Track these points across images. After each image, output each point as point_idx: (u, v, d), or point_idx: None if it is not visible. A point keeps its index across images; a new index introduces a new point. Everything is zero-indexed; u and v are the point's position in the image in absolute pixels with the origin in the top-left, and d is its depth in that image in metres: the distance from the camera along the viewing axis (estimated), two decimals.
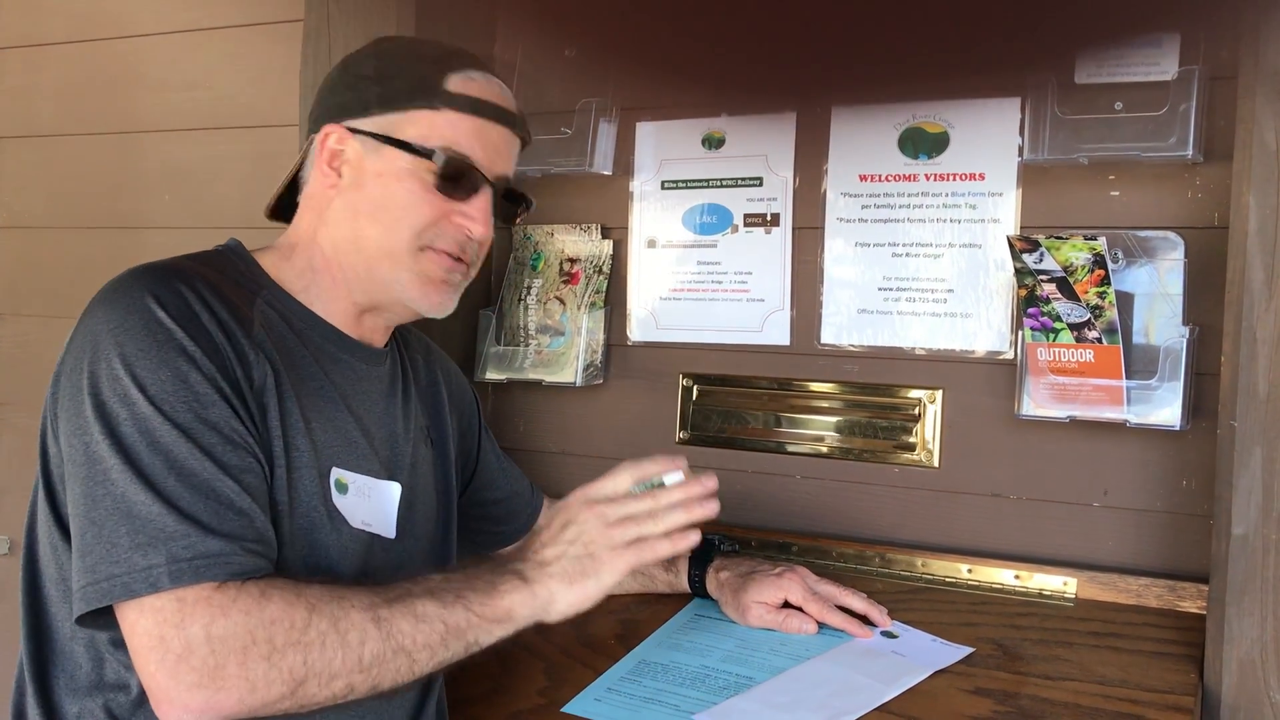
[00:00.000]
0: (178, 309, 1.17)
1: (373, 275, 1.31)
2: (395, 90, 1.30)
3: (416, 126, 1.28)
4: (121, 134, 2.43)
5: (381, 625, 1.12)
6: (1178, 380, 1.57)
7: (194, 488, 1.10)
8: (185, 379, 1.13)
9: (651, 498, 1.24)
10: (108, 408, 1.11)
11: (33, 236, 2.56)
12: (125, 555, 1.07)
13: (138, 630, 1.07)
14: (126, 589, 1.06)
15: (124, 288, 1.19)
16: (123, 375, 1.12)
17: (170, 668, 1.05)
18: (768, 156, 1.91)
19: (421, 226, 1.29)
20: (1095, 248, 1.54)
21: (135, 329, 1.14)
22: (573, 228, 2.06)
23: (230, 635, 1.07)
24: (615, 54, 2.01)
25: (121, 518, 1.08)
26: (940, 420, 1.79)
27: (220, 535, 1.09)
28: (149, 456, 1.10)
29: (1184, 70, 1.58)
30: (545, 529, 1.25)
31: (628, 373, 2.03)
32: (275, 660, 1.07)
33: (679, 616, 1.61)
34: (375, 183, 1.29)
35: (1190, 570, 1.61)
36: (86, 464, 1.11)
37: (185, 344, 1.15)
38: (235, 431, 1.16)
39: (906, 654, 1.45)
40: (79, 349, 1.17)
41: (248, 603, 1.09)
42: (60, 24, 2.49)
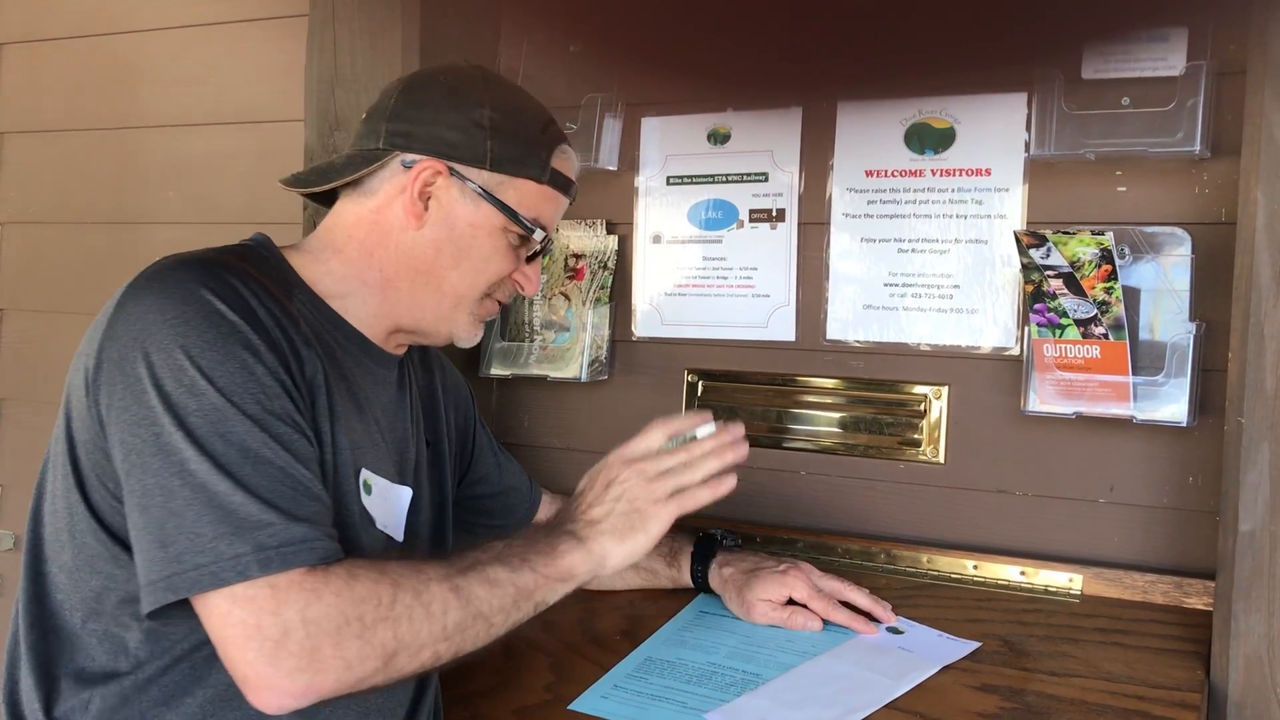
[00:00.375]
0: (235, 302, 1.17)
1: (434, 311, 1.36)
2: (511, 154, 1.33)
3: (519, 193, 1.34)
4: (125, 129, 2.43)
5: (460, 594, 1.15)
6: (1184, 376, 1.56)
7: (270, 476, 1.11)
8: (251, 371, 1.14)
9: (685, 450, 1.29)
10: (174, 399, 1.11)
11: (36, 232, 2.56)
12: (210, 545, 1.07)
13: (231, 619, 1.07)
14: (215, 578, 1.07)
15: (174, 279, 1.18)
16: (188, 367, 1.12)
17: (270, 655, 1.06)
18: (773, 152, 1.91)
19: (496, 281, 1.37)
20: (1103, 243, 1.53)
21: (195, 321, 1.14)
22: (578, 223, 2.06)
23: (324, 618, 1.08)
24: (620, 49, 2.01)
25: (203, 507, 1.08)
26: (946, 416, 1.79)
27: (302, 521, 1.11)
28: (223, 446, 1.10)
29: (1192, 65, 1.58)
30: (589, 490, 1.29)
31: (632, 368, 2.03)
32: (368, 637, 1.10)
33: (684, 613, 1.61)
34: (468, 231, 1.33)
35: (1197, 566, 1.61)
36: (157, 455, 1.10)
37: (248, 336, 1.16)
38: (298, 424, 1.18)
39: (914, 649, 1.45)
40: (128, 340, 1.16)
41: (338, 584, 1.11)
42: (64, 19, 2.49)
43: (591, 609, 1.64)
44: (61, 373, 2.59)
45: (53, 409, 2.65)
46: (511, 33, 2.09)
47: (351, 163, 1.35)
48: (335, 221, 1.37)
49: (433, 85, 1.36)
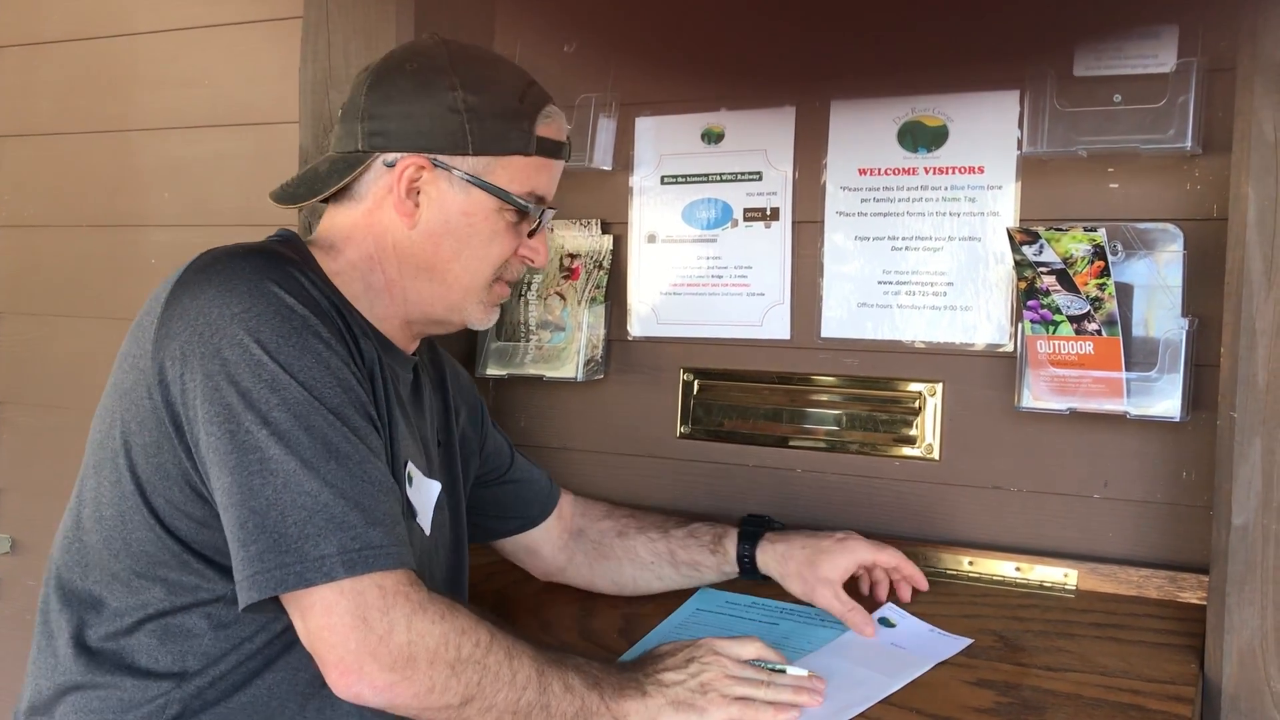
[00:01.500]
0: (299, 293, 1.18)
1: (444, 303, 1.35)
2: (491, 134, 1.31)
3: (507, 172, 1.33)
4: (120, 132, 2.43)
5: (542, 679, 1.18)
6: (1177, 372, 1.57)
7: (352, 473, 1.12)
8: (327, 363, 1.15)
9: (769, 675, 1.29)
10: (255, 394, 1.11)
11: (32, 235, 2.57)
12: (295, 544, 1.09)
13: (337, 609, 1.09)
14: (300, 579, 1.09)
15: (233, 271, 1.18)
16: (267, 361, 1.12)
17: (373, 646, 1.09)
18: (767, 151, 1.91)
19: (499, 263, 1.36)
20: (1095, 239, 1.54)
21: (266, 314, 1.14)
22: (573, 223, 2.06)
23: (428, 633, 1.12)
24: (614, 49, 2.01)
25: (288, 506, 1.09)
26: (940, 413, 1.80)
27: (381, 523, 1.12)
28: (308, 441, 1.11)
29: (1182, 62, 1.58)
30: (671, 656, 1.30)
31: (628, 367, 2.04)
32: (458, 670, 1.13)
33: (680, 611, 1.61)
34: (463, 221, 1.32)
35: (1190, 561, 1.61)
36: (239, 452, 1.11)
37: (319, 329, 1.16)
38: (370, 415, 1.19)
39: (906, 646, 1.46)
40: (192, 335, 1.15)
41: (441, 608, 1.14)
42: (58, 22, 2.49)
43: (587, 609, 1.65)
44: (59, 376, 2.59)
45: (50, 412, 2.65)
46: (505, 33, 2.09)
47: (335, 169, 1.33)
48: (331, 225, 1.36)
49: (399, 75, 1.32)
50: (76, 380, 2.47)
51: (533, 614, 1.64)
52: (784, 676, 1.29)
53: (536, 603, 1.68)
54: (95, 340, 2.45)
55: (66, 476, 1.32)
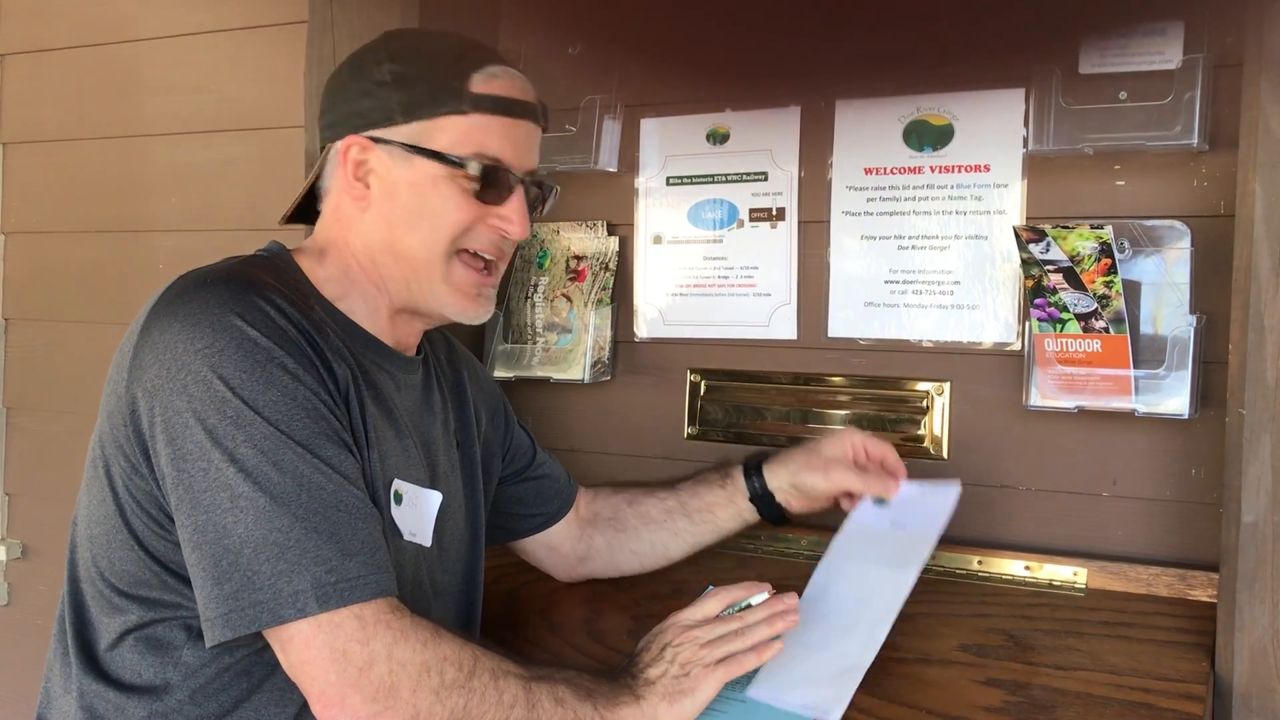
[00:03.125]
0: (264, 324, 1.16)
1: (413, 283, 1.32)
2: (419, 97, 1.28)
3: (445, 134, 1.28)
4: (127, 138, 2.44)
5: (530, 695, 1.17)
6: (1185, 369, 1.56)
7: (325, 503, 1.12)
8: (293, 395, 1.14)
9: (739, 618, 1.29)
10: (221, 431, 1.11)
11: (40, 241, 2.57)
12: (269, 582, 1.09)
13: (315, 643, 1.09)
14: (275, 615, 1.08)
15: (197, 305, 1.17)
16: (230, 398, 1.11)
17: (353, 678, 1.09)
18: (772, 151, 1.91)
19: (458, 232, 1.31)
20: (1102, 236, 1.53)
21: (229, 350, 1.13)
22: (579, 225, 2.06)
23: (409, 661, 1.11)
24: (619, 51, 2.01)
25: (259, 544, 1.09)
26: (948, 412, 1.79)
27: (358, 554, 1.12)
28: (277, 476, 1.10)
29: (1188, 59, 1.58)
30: (647, 650, 1.30)
31: (635, 369, 2.04)
32: (442, 696, 1.12)
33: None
34: (409, 192, 1.29)
35: (1200, 559, 1.61)
36: (209, 491, 1.11)
37: (284, 360, 1.15)
38: (344, 441, 1.18)
39: (906, 523, 1.46)
40: (159, 372, 1.15)
41: (424, 634, 1.14)
42: (65, 29, 2.50)
43: (596, 609, 1.65)
44: (68, 381, 2.61)
45: (59, 417, 2.66)
46: (510, 36, 2.10)
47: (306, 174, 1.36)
48: (315, 229, 1.38)
49: (341, 68, 1.35)
50: (85, 386, 2.47)
51: (542, 616, 1.64)
52: (753, 612, 1.29)
53: (546, 604, 1.68)
54: (104, 345, 2.44)
55: (76, 482, 1.32)
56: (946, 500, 1.47)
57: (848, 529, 1.51)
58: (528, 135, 1.34)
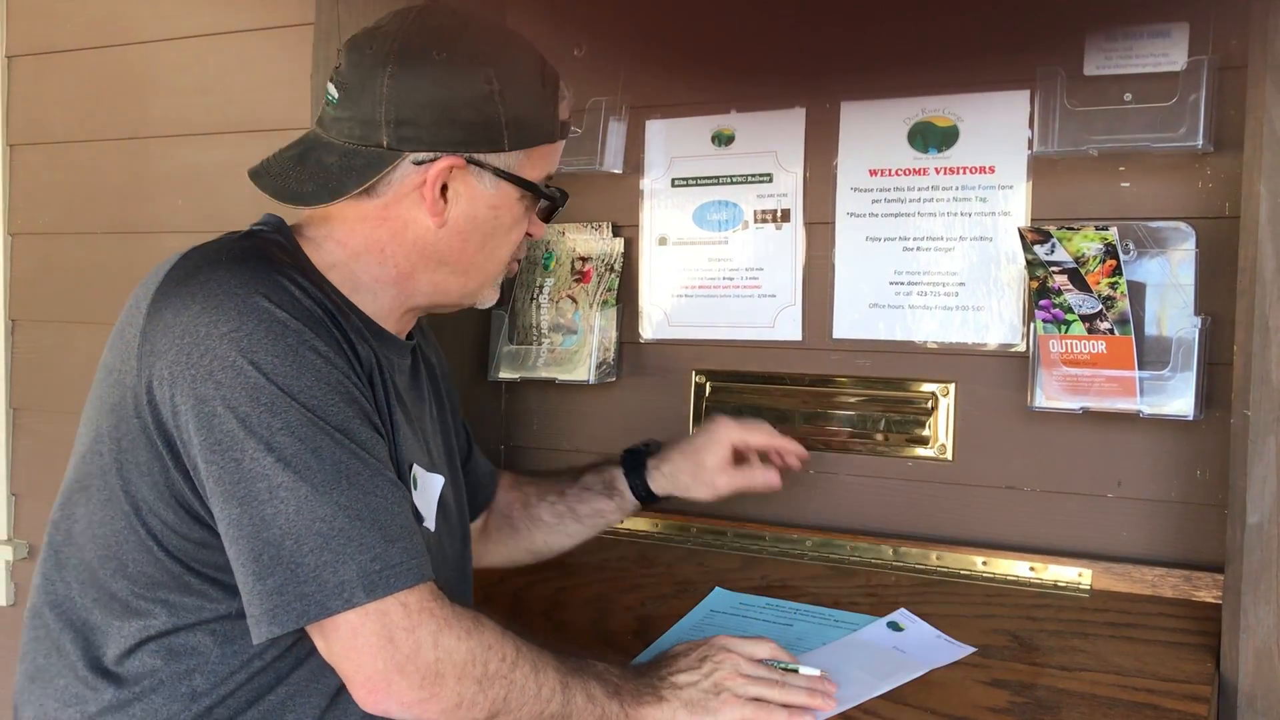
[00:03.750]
0: (291, 305, 1.12)
1: (460, 290, 1.32)
2: (525, 125, 1.25)
3: (539, 164, 1.29)
4: (133, 139, 2.44)
5: (566, 690, 1.18)
6: (1190, 370, 1.56)
7: (365, 490, 1.10)
8: (327, 378, 1.11)
9: (781, 675, 1.29)
10: (254, 420, 1.07)
11: (47, 243, 2.58)
12: (313, 574, 1.06)
13: (362, 632, 1.08)
14: (323, 608, 1.07)
15: (217, 285, 1.12)
16: (264, 383, 1.07)
17: (400, 664, 1.09)
18: (777, 153, 1.91)
19: (516, 247, 1.33)
20: (1107, 238, 1.54)
21: (258, 333, 1.09)
22: (584, 226, 2.07)
23: (454, 649, 1.11)
24: (624, 52, 2.01)
25: (302, 535, 1.06)
26: (953, 413, 1.80)
27: (399, 540, 1.11)
28: (316, 464, 1.07)
29: (1193, 60, 1.58)
30: (684, 656, 1.30)
31: (640, 370, 2.04)
32: (485, 686, 1.13)
33: (695, 612, 1.62)
34: (489, 214, 1.27)
35: (1205, 560, 1.61)
36: (245, 483, 1.07)
37: (315, 342, 1.11)
38: (375, 424, 1.17)
39: (907, 650, 1.45)
40: (182, 359, 1.10)
41: (467, 624, 1.14)
42: (71, 31, 2.50)
43: (602, 610, 1.65)
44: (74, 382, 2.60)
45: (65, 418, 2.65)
46: None
47: (353, 167, 1.22)
48: (334, 214, 1.27)
49: (426, 64, 1.21)
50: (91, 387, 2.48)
51: (547, 616, 1.65)
52: (797, 677, 1.29)
53: (551, 604, 1.69)
54: None
55: None
56: (954, 653, 1.44)
57: (851, 636, 1.50)
58: None
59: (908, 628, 1.51)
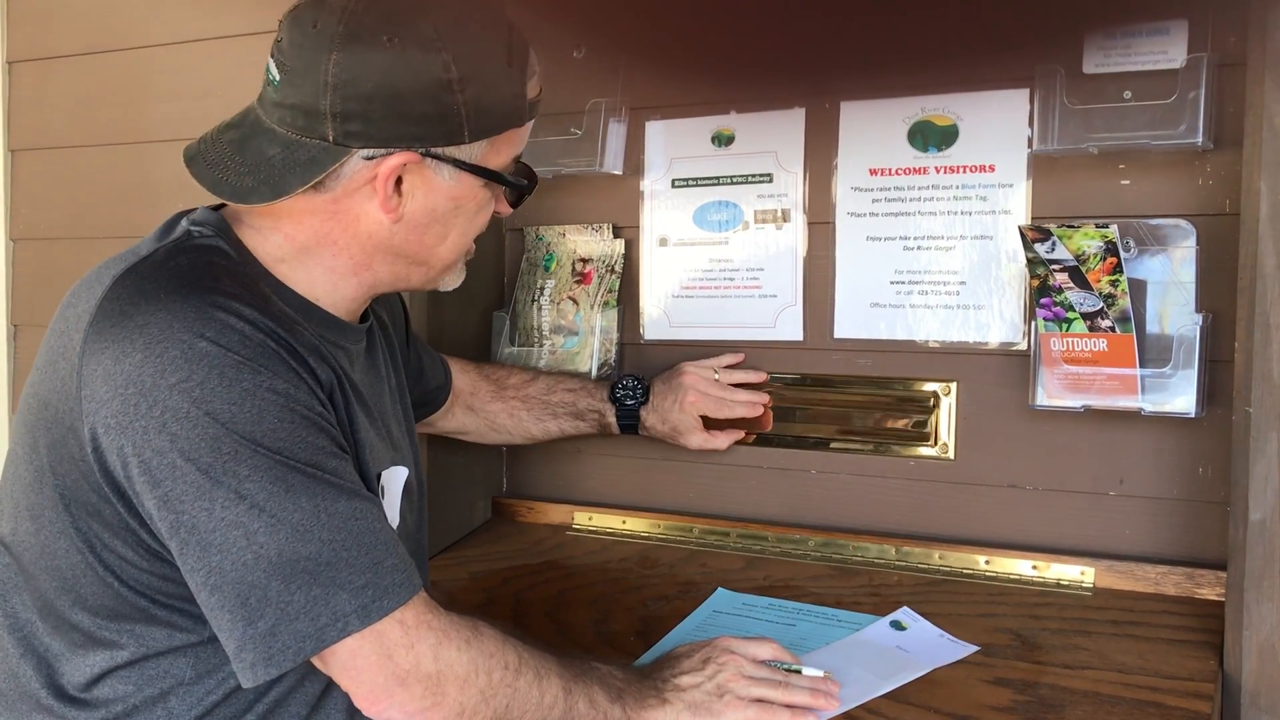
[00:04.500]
0: (239, 344, 1.06)
1: (422, 278, 1.28)
2: (488, 117, 1.16)
3: (504, 151, 1.21)
4: (135, 144, 2.45)
5: (569, 697, 1.18)
6: (1192, 368, 1.56)
7: (345, 519, 1.08)
8: (288, 415, 1.07)
9: (785, 675, 1.29)
10: (218, 470, 1.03)
11: (47, 248, 2.58)
12: (304, 610, 1.05)
13: (360, 654, 1.08)
14: (319, 641, 1.06)
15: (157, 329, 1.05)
16: (224, 435, 1.03)
17: (401, 678, 1.09)
18: (777, 153, 1.91)
19: (480, 233, 1.29)
20: (1108, 235, 1.54)
21: (210, 380, 1.04)
22: (584, 228, 2.07)
23: (455, 661, 1.12)
24: (623, 53, 2.02)
25: (288, 575, 1.05)
26: (955, 412, 1.80)
27: (387, 559, 1.10)
28: (292, 504, 1.05)
29: (1192, 57, 1.58)
30: (687, 658, 1.30)
31: (642, 370, 2.04)
32: (488, 695, 1.13)
33: (697, 613, 1.62)
34: (448, 205, 1.20)
35: (1208, 557, 1.61)
36: (219, 531, 1.04)
37: (271, 381, 1.07)
38: (341, 447, 1.14)
39: (910, 650, 1.45)
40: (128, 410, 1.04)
41: (466, 633, 1.14)
42: (72, 36, 2.51)
43: (605, 611, 1.65)
44: None
45: None
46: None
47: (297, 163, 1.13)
48: (279, 207, 1.18)
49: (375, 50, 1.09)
50: None
51: (549, 618, 1.65)
52: (800, 678, 1.29)
53: (553, 606, 1.69)
54: None
55: None
56: (957, 652, 1.44)
57: (854, 636, 1.50)
58: None
59: (910, 627, 1.51)
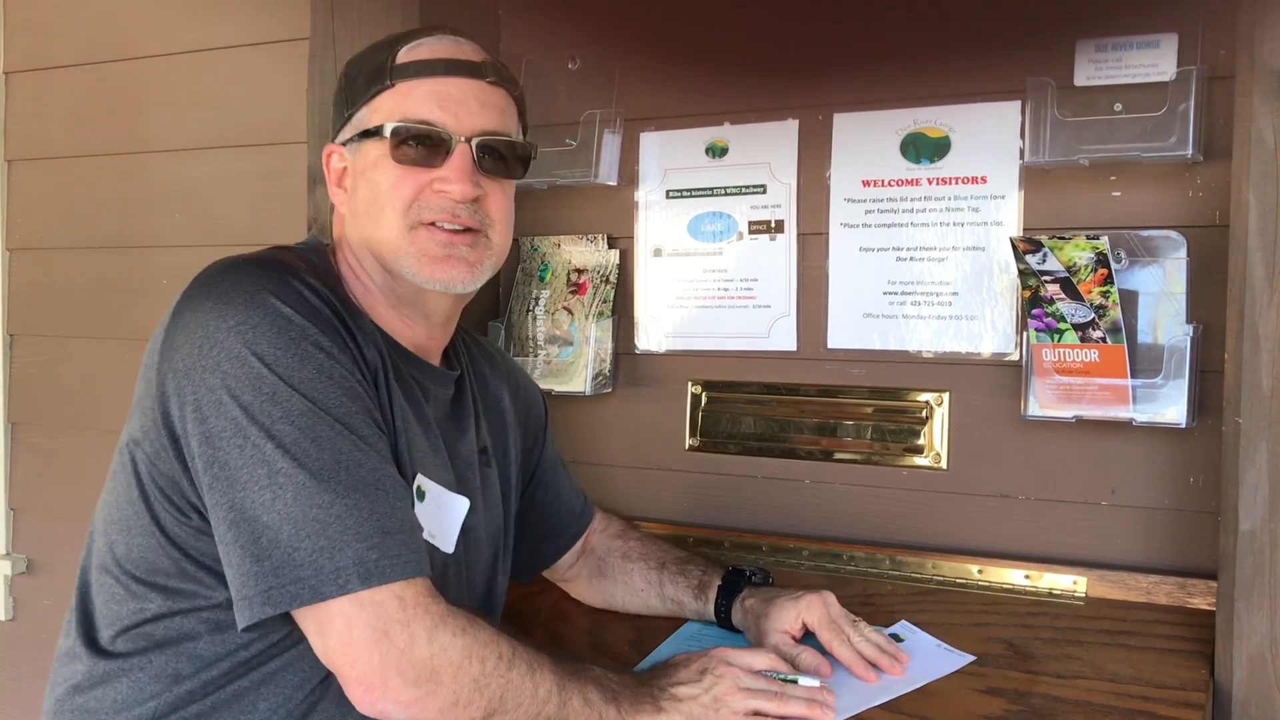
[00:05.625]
0: (297, 302, 1.17)
1: (384, 267, 1.32)
2: (357, 89, 1.32)
3: (378, 113, 1.30)
4: (131, 154, 2.45)
5: (563, 693, 1.17)
6: (1183, 378, 1.57)
7: (364, 481, 1.11)
8: (329, 373, 1.14)
9: (781, 686, 1.29)
10: (256, 408, 1.11)
11: (45, 257, 2.59)
12: (310, 558, 1.08)
13: (356, 623, 1.09)
14: (315, 592, 1.08)
15: (230, 284, 1.17)
16: (266, 374, 1.11)
17: (395, 660, 1.09)
18: (771, 164, 1.92)
19: (405, 205, 1.29)
20: (1098, 246, 1.55)
21: (264, 327, 1.14)
22: (579, 238, 2.07)
23: (449, 646, 1.11)
24: (618, 64, 2.03)
25: (300, 520, 1.08)
26: (947, 422, 1.80)
27: (397, 533, 1.12)
28: (315, 452, 1.10)
29: (1182, 70, 1.59)
30: (684, 668, 1.29)
31: (636, 381, 2.05)
32: (482, 684, 1.12)
33: (691, 624, 1.62)
34: (364, 181, 1.31)
35: (1199, 567, 1.62)
36: (246, 468, 1.10)
37: (319, 338, 1.15)
38: (378, 421, 1.19)
39: (909, 661, 1.45)
40: (191, 350, 1.14)
41: (462, 621, 1.14)
42: (69, 47, 2.52)
43: (599, 621, 1.66)
44: (73, 396, 2.62)
45: (64, 432, 2.68)
46: (510, 51, 2.11)
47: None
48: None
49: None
50: (91, 401, 2.49)
51: (544, 626, 1.65)
52: (796, 688, 1.29)
53: (549, 615, 1.69)
54: (109, 361, 2.47)
55: (82, 497, 1.33)
56: (954, 663, 1.44)
57: None
58: (466, 92, 1.30)
59: (908, 639, 1.51)
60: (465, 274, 1.31)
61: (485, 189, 1.31)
